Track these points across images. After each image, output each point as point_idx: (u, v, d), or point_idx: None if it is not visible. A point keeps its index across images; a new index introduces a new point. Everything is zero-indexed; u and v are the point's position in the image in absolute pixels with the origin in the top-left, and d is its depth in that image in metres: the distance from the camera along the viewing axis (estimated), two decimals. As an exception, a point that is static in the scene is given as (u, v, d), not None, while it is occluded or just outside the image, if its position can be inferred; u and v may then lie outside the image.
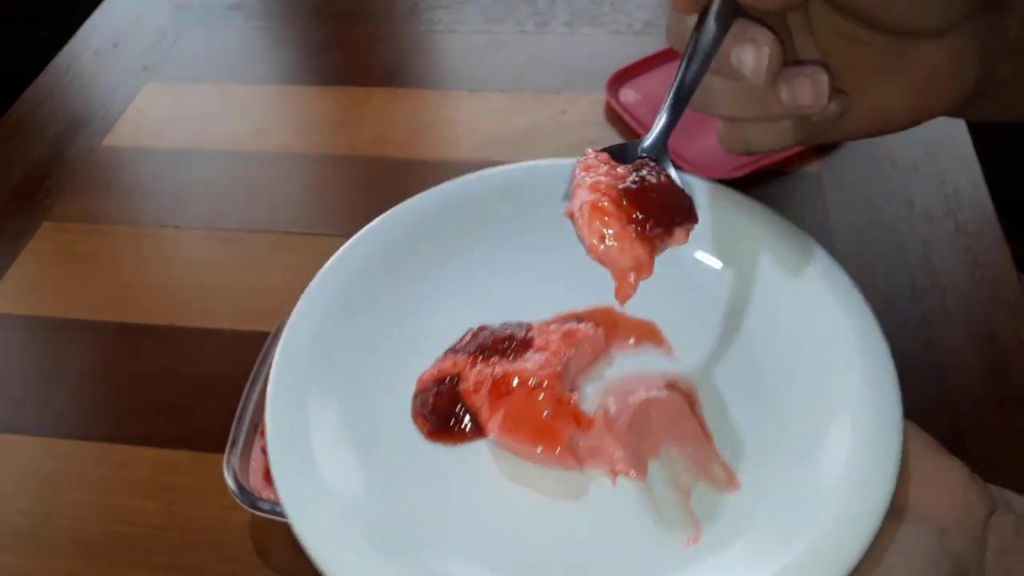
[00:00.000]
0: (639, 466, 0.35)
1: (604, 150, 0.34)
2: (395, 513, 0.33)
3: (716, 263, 0.41)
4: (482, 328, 0.39)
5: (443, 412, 0.36)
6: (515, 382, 0.35)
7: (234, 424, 0.44)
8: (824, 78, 0.31)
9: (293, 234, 0.61)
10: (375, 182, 0.65)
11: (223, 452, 0.43)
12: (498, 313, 0.40)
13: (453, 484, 0.35)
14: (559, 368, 0.36)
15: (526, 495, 0.34)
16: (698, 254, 0.41)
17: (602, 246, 0.31)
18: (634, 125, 0.65)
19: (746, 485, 0.34)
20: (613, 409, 0.36)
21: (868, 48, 0.32)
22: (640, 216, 0.31)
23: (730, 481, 0.34)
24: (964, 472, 0.32)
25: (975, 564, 0.31)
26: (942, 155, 0.62)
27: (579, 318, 0.40)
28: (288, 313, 0.39)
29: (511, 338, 0.38)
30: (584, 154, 0.34)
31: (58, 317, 0.57)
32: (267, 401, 0.36)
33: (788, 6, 0.30)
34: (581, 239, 0.32)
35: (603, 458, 0.35)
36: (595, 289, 0.37)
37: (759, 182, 0.61)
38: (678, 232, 0.32)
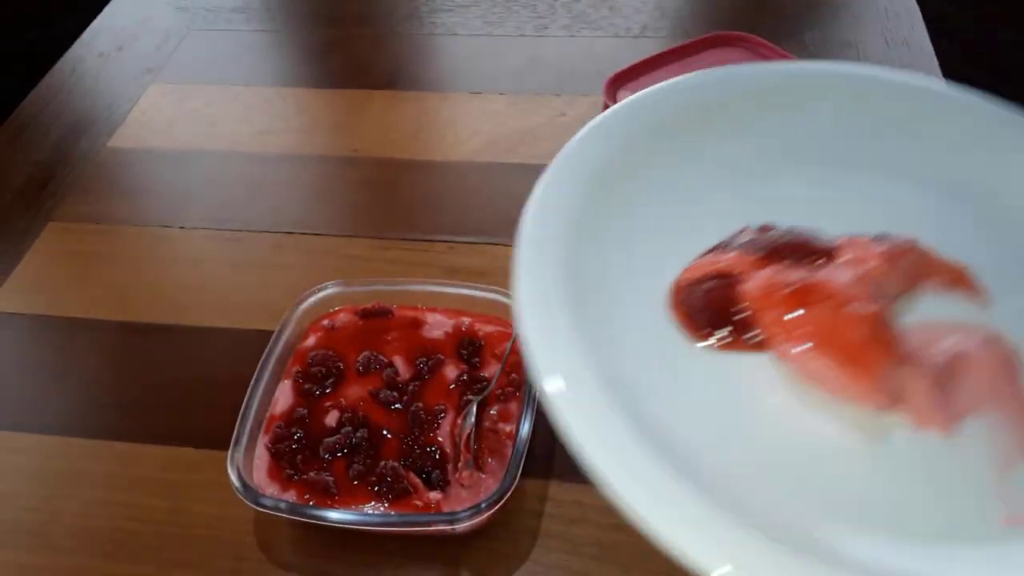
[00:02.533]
0: (951, 422, 0.29)
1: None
2: (652, 411, 0.28)
3: None
4: (766, 227, 0.33)
5: (717, 311, 0.30)
6: (824, 295, 0.29)
7: (238, 421, 0.45)
8: None
9: (296, 234, 0.62)
10: (377, 183, 0.66)
11: (227, 449, 0.43)
12: (786, 218, 0.33)
13: (721, 397, 0.30)
14: (871, 290, 0.30)
15: (809, 421, 0.29)
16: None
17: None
18: (633, 127, 0.66)
19: None
20: (923, 353, 0.30)
21: None
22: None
23: None
24: None
25: None
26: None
27: (888, 240, 0.32)
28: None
29: (813, 245, 0.31)
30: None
31: (63, 317, 0.57)
32: (519, 265, 0.30)
33: None
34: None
35: (912, 403, 0.29)
36: (899, 214, 0.32)
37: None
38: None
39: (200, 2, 0.86)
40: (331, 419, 0.47)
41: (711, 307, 0.30)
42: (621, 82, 0.71)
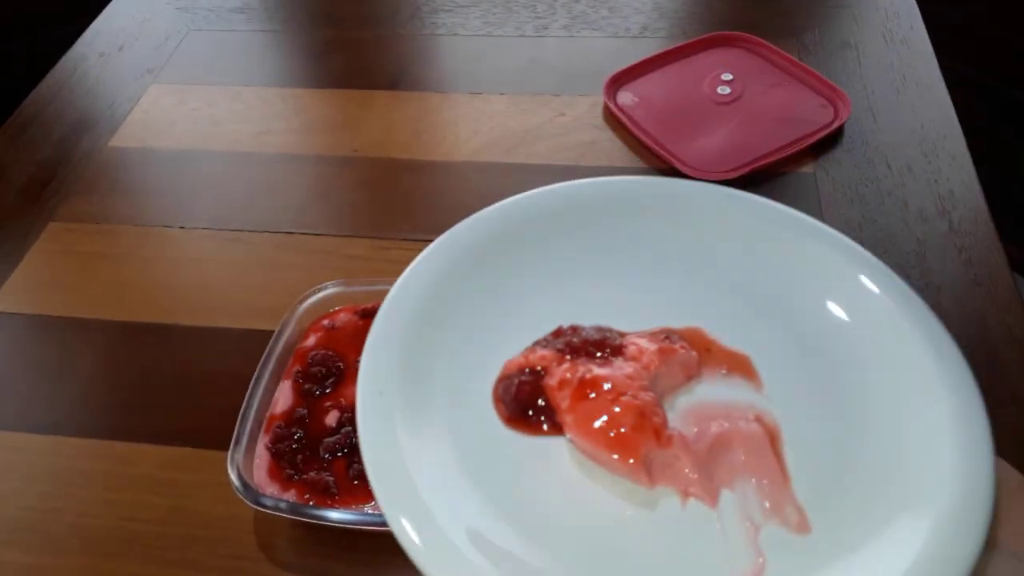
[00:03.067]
0: (711, 493, 0.34)
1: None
2: (470, 490, 0.34)
3: (831, 311, 0.40)
4: (573, 327, 0.39)
5: (524, 401, 0.36)
6: (602, 387, 0.35)
7: (238, 421, 0.45)
8: None
9: (296, 234, 0.62)
10: (377, 183, 0.66)
11: (227, 449, 0.43)
12: (590, 318, 0.39)
13: (526, 470, 0.35)
14: (647, 382, 0.36)
15: (596, 493, 0.34)
16: (803, 300, 0.41)
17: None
18: (631, 127, 0.66)
19: (818, 532, 0.33)
20: (695, 431, 0.36)
21: None
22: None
23: (801, 524, 0.33)
24: None
25: None
26: (936, 155, 0.62)
27: (672, 337, 0.39)
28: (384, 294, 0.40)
29: (602, 343, 0.37)
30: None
31: (64, 316, 0.58)
32: (360, 371, 0.37)
33: None
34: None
35: (676, 478, 0.34)
36: (692, 308, 0.38)
37: (754, 183, 0.61)
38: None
39: (200, 2, 0.86)
40: (331, 419, 0.47)
41: (519, 398, 0.36)
42: (621, 82, 0.71)
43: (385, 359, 0.37)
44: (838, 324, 0.40)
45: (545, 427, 0.36)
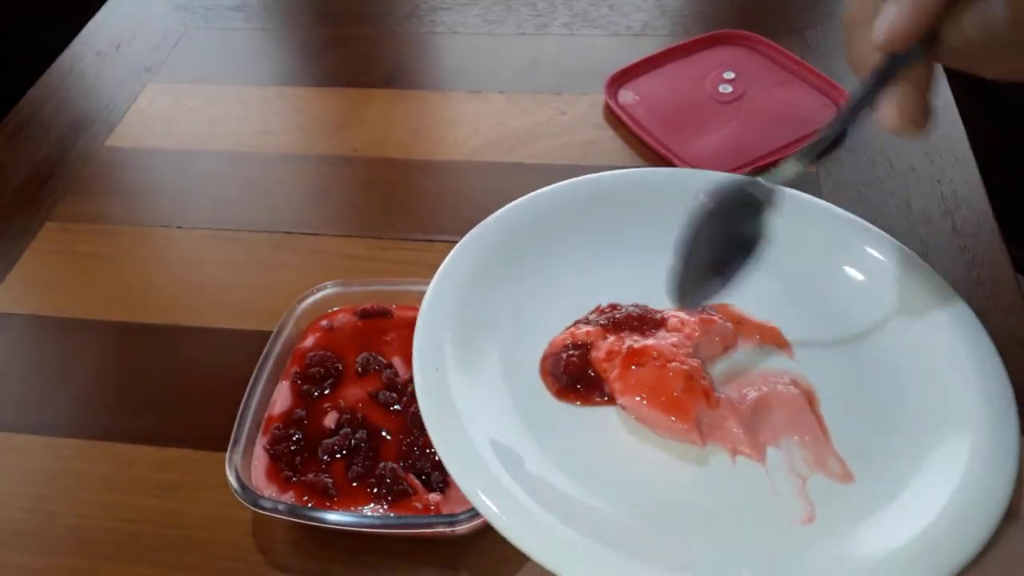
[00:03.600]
0: (759, 450, 0.37)
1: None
2: (535, 457, 0.36)
3: (847, 276, 0.44)
4: (612, 305, 0.41)
5: (573, 375, 0.38)
6: (651, 355, 0.38)
7: (236, 422, 0.44)
8: None
9: (295, 234, 0.61)
10: (376, 182, 0.65)
11: (225, 450, 0.43)
12: (626, 297, 0.42)
13: (581, 438, 0.37)
14: (691, 350, 0.38)
15: (651, 454, 0.37)
16: (830, 268, 0.44)
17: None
18: (632, 126, 0.66)
19: (861, 481, 0.36)
20: (737, 396, 0.38)
21: None
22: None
23: (845, 475, 0.36)
24: None
25: None
26: (940, 155, 0.62)
27: (708, 308, 0.41)
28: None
29: (643, 317, 0.40)
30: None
31: (61, 317, 0.57)
32: (414, 349, 0.39)
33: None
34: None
35: (726, 437, 0.37)
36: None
37: (758, 183, 0.61)
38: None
39: (199, 0, 0.86)
40: (330, 420, 0.46)
41: (568, 372, 0.39)
42: (621, 81, 0.71)
43: (438, 338, 0.39)
44: (856, 286, 0.43)
45: (596, 398, 0.38)
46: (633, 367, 0.37)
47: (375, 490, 0.43)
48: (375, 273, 0.58)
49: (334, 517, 0.42)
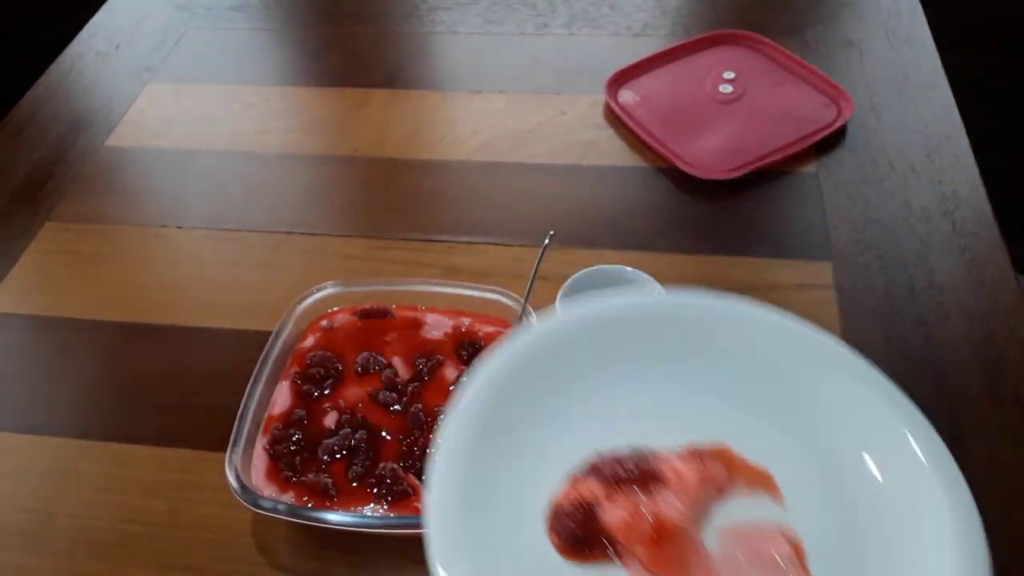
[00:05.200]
0: None
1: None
2: None
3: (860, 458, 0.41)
4: (613, 456, 0.41)
5: (581, 536, 0.38)
6: (660, 526, 0.38)
7: (236, 423, 0.44)
8: None
9: (295, 234, 0.61)
10: (376, 182, 0.65)
11: (225, 450, 0.43)
12: (619, 437, 0.41)
13: None
14: (693, 512, 0.39)
15: None
16: (844, 453, 0.41)
17: None
18: (632, 126, 0.66)
19: None
20: (741, 555, 0.39)
21: None
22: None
23: None
24: None
25: None
26: (940, 156, 0.62)
27: (704, 458, 0.41)
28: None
29: (643, 472, 0.40)
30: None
31: (61, 317, 0.57)
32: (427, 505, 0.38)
33: None
34: None
35: None
36: (715, 425, 0.41)
37: (758, 183, 0.61)
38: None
39: (199, 0, 0.86)
40: (330, 420, 0.46)
41: (574, 532, 0.39)
42: (622, 81, 0.71)
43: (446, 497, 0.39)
44: (866, 475, 0.41)
45: (605, 559, 0.38)
46: (655, 543, 0.38)
47: (375, 490, 0.43)
48: (375, 273, 0.58)
49: (334, 517, 0.41)
